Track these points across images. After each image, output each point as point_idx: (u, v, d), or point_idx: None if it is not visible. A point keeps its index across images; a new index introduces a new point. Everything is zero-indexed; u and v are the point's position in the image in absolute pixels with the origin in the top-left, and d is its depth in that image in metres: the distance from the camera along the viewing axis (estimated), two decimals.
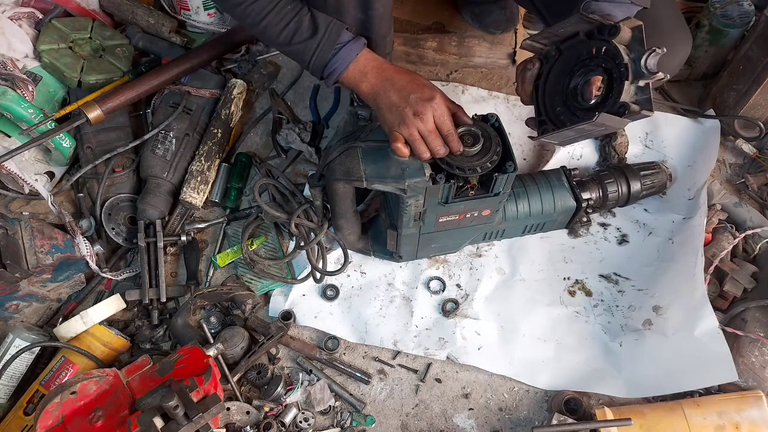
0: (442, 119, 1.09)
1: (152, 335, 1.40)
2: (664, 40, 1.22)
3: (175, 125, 1.55)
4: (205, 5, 1.75)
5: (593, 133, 1.12)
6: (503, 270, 1.49)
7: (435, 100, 1.09)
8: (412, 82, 1.11)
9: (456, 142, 1.10)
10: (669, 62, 1.26)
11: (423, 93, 1.09)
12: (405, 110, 1.08)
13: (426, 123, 1.08)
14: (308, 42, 1.11)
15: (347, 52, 1.12)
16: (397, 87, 1.11)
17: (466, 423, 1.33)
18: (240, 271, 1.48)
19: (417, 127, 1.08)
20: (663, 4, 1.22)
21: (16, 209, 1.55)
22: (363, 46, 1.14)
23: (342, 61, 1.12)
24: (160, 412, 1.05)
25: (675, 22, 1.26)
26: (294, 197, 1.48)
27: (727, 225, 1.48)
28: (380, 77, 1.13)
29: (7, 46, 1.53)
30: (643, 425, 1.20)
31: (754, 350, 1.28)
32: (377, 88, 1.13)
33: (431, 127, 1.09)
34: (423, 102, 1.08)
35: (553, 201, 1.41)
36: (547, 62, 1.14)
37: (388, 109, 1.11)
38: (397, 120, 1.10)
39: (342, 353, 1.41)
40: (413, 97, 1.08)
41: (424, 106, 1.08)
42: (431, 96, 1.09)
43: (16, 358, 1.27)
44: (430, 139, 1.09)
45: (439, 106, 1.09)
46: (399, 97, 1.10)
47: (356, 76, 1.14)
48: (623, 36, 1.00)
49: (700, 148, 1.61)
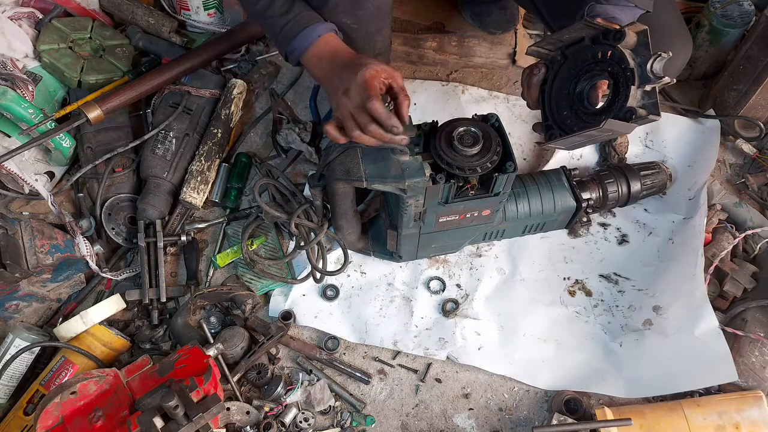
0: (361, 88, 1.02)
1: (152, 335, 1.40)
2: (665, 44, 1.22)
3: (175, 125, 1.55)
4: (205, 5, 1.75)
5: (600, 137, 1.12)
6: (503, 270, 1.49)
7: (360, 71, 1.02)
8: (353, 62, 1.07)
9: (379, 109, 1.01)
10: (670, 66, 1.26)
11: (355, 68, 1.04)
12: (338, 91, 1.06)
13: (352, 99, 1.03)
14: (279, 18, 1.13)
15: (308, 33, 1.12)
16: (341, 70, 1.08)
17: (466, 423, 1.33)
18: (240, 271, 1.48)
19: (343, 104, 1.05)
20: (664, 8, 1.22)
21: (16, 209, 1.55)
22: (327, 31, 1.13)
23: (303, 40, 1.12)
24: (160, 412, 1.05)
25: (676, 26, 1.26)
26: (294, 197, 1.48)
27: (727, 225, 1.48)
28: (332, 62, 1.11)
29: (7, 46, 1.53)
30: (643, 425, 1.20)
31: (754, 350, 1.28)
32: (327, 74, 1.11)
33: (357, 102, 1.03)
34: (351, 76, 1.04)
35: (553, 201, 1.41)
36: (552, 67, 1.14)
37: (331, 94, 1.10)
38: (334, 103, 1.08)
39: (342, 353, 1.41)
40: (346, 75, 1.05)
41: (349, 81, 1.04)
42: (359, 69, 1.03)
43: (16, 358, 1.27)
44: (356, 114, 1.04)
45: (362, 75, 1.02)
46: (339, 80, 1.07)
47: (313, 61, 1.13)
48: (629, 40, 1.00)
49: (700, 148, 1.61)
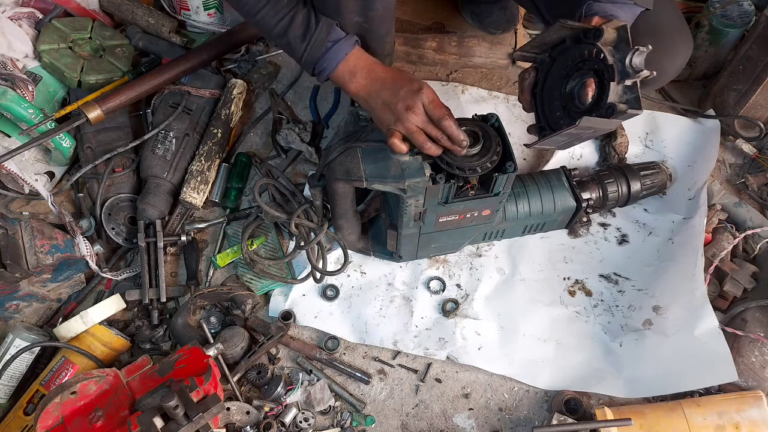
0: (432, 107, 1.08)
1: (152, 335, 1.40)
2: (666, 43, 1.22)
3: (175, 125, 1.55)
4: (205, 5, 1.75)
5: (585, 135, 1.12)
6: (503, 270, 1.49)
7: (423, 90, 1.08)
8: (399, 78, 1.11)
9: (453, 126, 1.08)
10: (670, 65, 1.26)
11: (411, 86, 1.09)
12: (397, 106, 1.09)
13: (419, 115, 1.08)
14: (300, 38, 1.13)
15: (336, 51, 1.13)
16: (387, 85, 1.11)
17: (466, 423, 1.33)
18: (240, 271, 1.48)
19: (411, 120, 1.08)
20: (665, 7, 1.22)
21: (16, 209, 1.55)
22: (353, 46, 1.15)
23: (331, 60, 1.13)
24: (160, 412, 1.05)
25: (676, 25, 1.26)
26: (294, 197, 1.48)
27: (727, 225, 1.48)
28: (369, 77, 1.13)
29: (7, 46, 1.53)
30: (643, 425, 1.20)
31: (754, 350, 1.28)
32: (368, 89, 1.13)
33: (425, 118, 1.09)
34: (412, 94, 1.08)
35: (553, 201, 1.41)
36: (542, 69, 1.15)
37: (381, 109, 1.12)
38: (392, 117, 1.10)
39: (342, 353, 1.41)
40: (403, 92, 1.09)
41: (414, 99, 1.08)
42: (419, 87, 1.09)
43: (16, 358, 1.27)
44: (429, 129, 1.09)
45: (427, 95, 1.08)
46: (390, 95, 1.10)
47: (345, 76, 1.14)
48: (608, 37, 1.01)
49: (700, 148, 1.61)
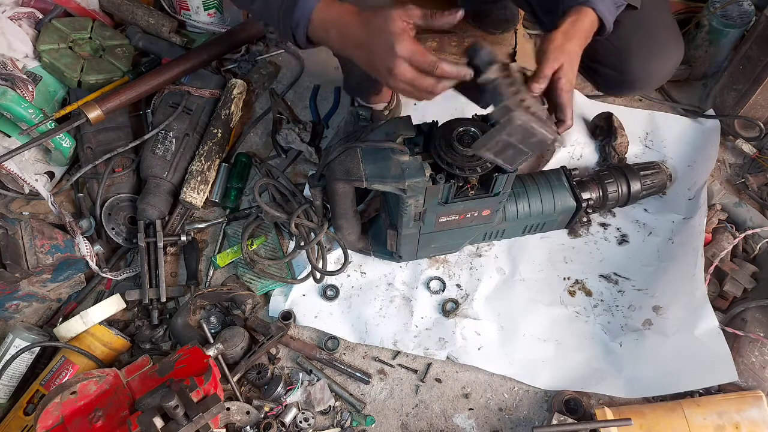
0: (418, 58, 0.96)
1: (152, 335, 1.40)
2: (658, 44, 1.22)
3: (175, 125, 1.55)
4: (205, 5, 1.75)
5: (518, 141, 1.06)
6: (503, 270, 1.49)
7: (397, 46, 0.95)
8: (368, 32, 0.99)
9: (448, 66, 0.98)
10: (661, 68, 1.26)
11: (385, 42, 0.96)
12: (379, 68, 0.99)
13: (404, 73, 0.97)
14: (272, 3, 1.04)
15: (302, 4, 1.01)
16: (359, 42, 1.00)
17: (466, 423, 1.33)
18: (240, 271, 1.48)
19: (398, 81, 0.98)
20: (657, 8, 1.22)
21: (16, 209, 1.55)
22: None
23: (301, 11, 1.01)
24: (160, 412, 1.05)
25: (668, 29, 1.26)
26: (294, 197, 1.48)
27: (727, 225, 1.48)
28: (340, 32, 1.01)
29: (7, 46, 1.53)
30: (643, 425, 1.20)
31: (754, 350, 1.28)
32: (343, 46, 1.03)
33: (411, 75, 0.97)
34: (388, 53, 0.96)
35: (553, 201, 1.41)
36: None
37: (366, 66, 1.03)
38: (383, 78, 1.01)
39: (342, 353, 1.41)
40: (378, 53, 0.97)
41: (392, 59, 0.96)
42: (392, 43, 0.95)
43: (16, 358, 1.27)
44: (419, 82, 0.98)
45: (405, 49, 0.96)
46: (365, 55, 1.00)
47: (321, 32, 1.04)
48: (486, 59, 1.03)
49: (700, 148, 1.61)
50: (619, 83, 1.29)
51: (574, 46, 1.06)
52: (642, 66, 1.24)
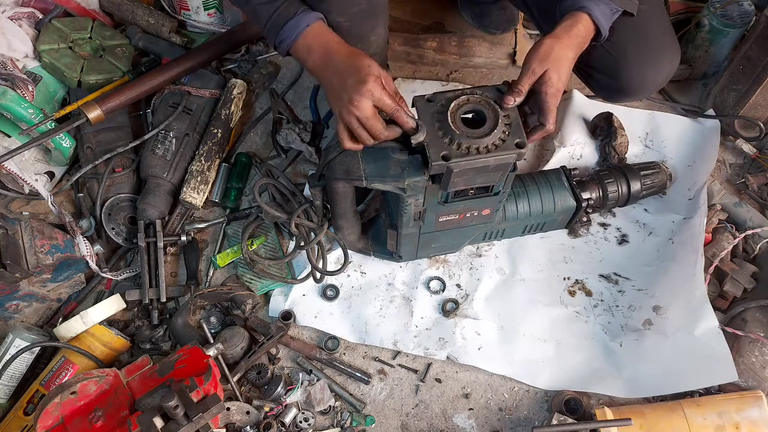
0: (381, 101, 1.01)
1: (152, 335, 1.40)
2: (654, 52, 1.22)
3: (175, 125, 1.55)
4: (205, 5, 1.75)
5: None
6: (503, 270, 1.49)
7: (368, 83, 1.00)
8: (349, 64, 1.04)
9: (403, 117, 1.03)
10: (655, 76, 1.25)
11: (358, 76, 1.01)
12: (342, 96, 1.03)
13: (362, 110, 1.01)
14: (266, 6, 1.10)
15: (296, 22, 1.08)
16: (337, 69, 1.05)
17: (466, 423, 1.33)
18: (240, 271, 1.48)
19: (355, 115, 1.02)
20: (653, 17, 1.22)
21: (16, 209, 1.55)
22: (315, 20, 1.10)
23: (290, 31, 1.08)
24: (160, 412, 1.05)
25: (664, 35, 1.25)
26: (294, 197, 1.48)
27: (727, 225, 1.48)
28: (323, 56, 1.08)
29: (7, 46, 1.53)
30: (643, 425, 1.20)
31: (754, 350, 1.28)
32: (320, 69, 1.08)
33: (368, 113, 1.02)
34: (358, 86, 1.01)
35: (553, 201, 1.41)
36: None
37: (329, 93, 1.08)
38: (338, 107, 1.06)
39: (342, 353, 1.41)
40: (349, 83, 1.02)
41: (359, 91, 1.00)
42: (364, 79, 1.01)
43: (16, 358, 1.27)
44: (369, 124, 1.03)
45: (374, 89, 1.00)
46: (338, 82, 1.04)
47: (303, 52, 1.10)
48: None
49: (700, 148, 1.61)
50: (614, 89, 1.28)
51: (566, 51, 1.06)
52: (636, 74, 1.23)
